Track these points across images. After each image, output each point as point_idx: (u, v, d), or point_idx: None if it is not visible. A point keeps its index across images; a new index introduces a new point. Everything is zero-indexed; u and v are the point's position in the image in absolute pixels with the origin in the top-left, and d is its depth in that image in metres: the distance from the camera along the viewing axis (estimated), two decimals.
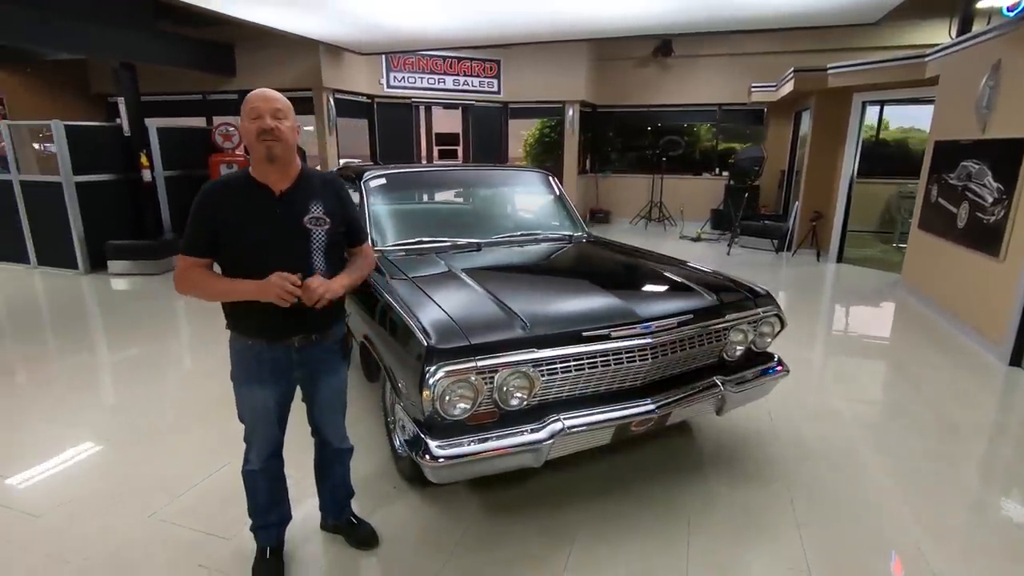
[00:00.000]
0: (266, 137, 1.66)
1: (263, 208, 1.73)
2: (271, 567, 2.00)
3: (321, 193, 1.81)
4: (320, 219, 1.77)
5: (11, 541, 2.20)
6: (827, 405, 3.39)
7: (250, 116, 1.67)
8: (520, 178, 3.87)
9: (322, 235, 1.78)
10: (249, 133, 1.68)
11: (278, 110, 1.68)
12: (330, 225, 1.79)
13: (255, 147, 1.69)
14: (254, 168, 1.76)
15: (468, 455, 1.94)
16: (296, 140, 1.76)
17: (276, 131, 1.66)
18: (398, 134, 9.37)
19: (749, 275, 6.73)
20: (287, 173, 1.76)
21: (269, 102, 1.68)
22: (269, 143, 1.66)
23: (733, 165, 9.08)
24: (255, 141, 1.67)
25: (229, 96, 8.30)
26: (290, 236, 1.74)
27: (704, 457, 2.84)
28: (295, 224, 1.74)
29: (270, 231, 1.72)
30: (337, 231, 1.83)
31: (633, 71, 10.39)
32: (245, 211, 1.72)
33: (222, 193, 1.75)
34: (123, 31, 6.44)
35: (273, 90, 1.71)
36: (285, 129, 1.69)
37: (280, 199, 1.74)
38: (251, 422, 1.88)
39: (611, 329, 2.14)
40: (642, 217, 10.69)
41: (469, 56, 9.33)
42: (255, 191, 1.74)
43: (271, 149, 1.67)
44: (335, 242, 1.83)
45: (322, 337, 1.86)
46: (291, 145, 1.72)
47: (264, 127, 1.65)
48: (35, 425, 3.14)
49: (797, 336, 4.71)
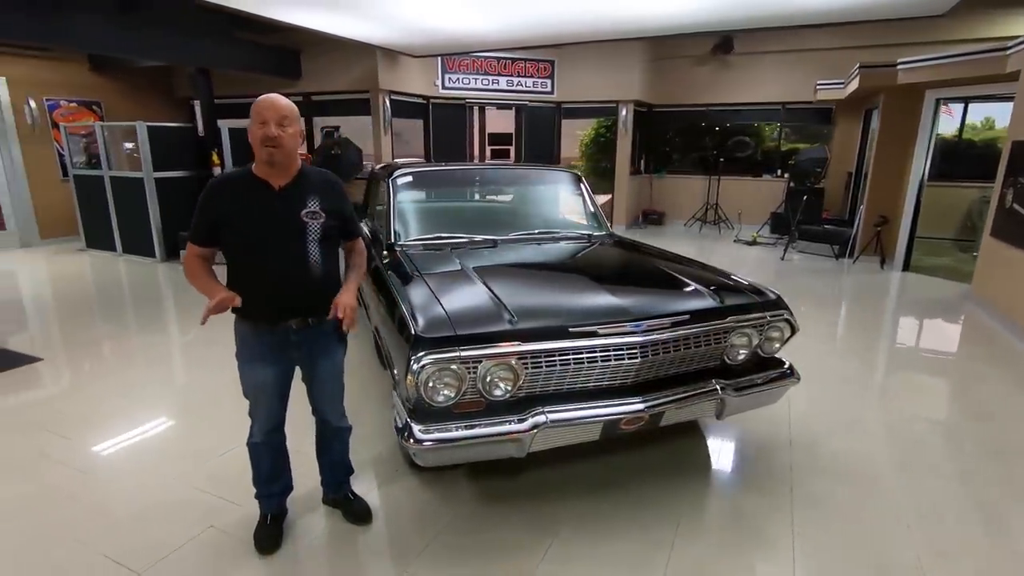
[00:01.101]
0: (269, 144, 1.80)
1: (262, 202, 1.87)
2: (270, 532, 2.17)
3: (318, 189, 1.95)
4: (316, 213, 1.92)
5: (61, 491, 2.50)
6: (857, 419, 3.23)
7: (257, 121, 1.80)
8: (545, 177, 3.92)
9: (317, 228, 1.92)
10: (255, 137, 1.82)
11: (284, 117, 1.81)
12: (325, 219, 1.94)
13: (259, 150, 1.83)
14: (256, 166, 1.91)
15: (449, 440, 2.02)
16: (298, 145, 1.89)
17: (279, 139, 1.80)
18: (452, 134, 9.59)
19: (801, 282, 6.49)
20: (287, 172, 1.91)
21: (276, 110, 1.80)
22: (271, 149, 1.81)
23: (793, 166, 8.67)
24: (259, 145, 1.82)
25: (295, 98, 8.78)
26: (288, 228, 1.89)
27: (709, 461, 2.79)
28: (292, 217, 1.89)
29: (269, 224, 1.87)
30: (332, 225, 1.97)
31: (691, 70, 10.12)
32: (245, 205, 1.87)
33: (225, 188, 1.92)
34: (201, 40, 6.99)
35: (282, 97, 1.84)
36: (288, 137, 1.83)
37: (279, 194, 1.89)
38: (254, 398, 2.05)
39: (599, 326, 2.16)
40: (697, 219, 10.41)
41: (523, 57, 9.41)
42: (255, 187, 1.89)
43: (272, 156, 1.82)
44: (330, 235, 1.98)
45: (318, 321, 2.00)
46: (291, 150, 1.86)
47: (268, 134, 1.79)
48: (108, 395, 3.51)
49: (844, 347, 4.50)
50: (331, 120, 8.83)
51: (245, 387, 2.05)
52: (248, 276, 1.91)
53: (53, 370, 3.85)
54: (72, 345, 4.40)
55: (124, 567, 2.05)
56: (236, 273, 1.95)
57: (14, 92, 7.71)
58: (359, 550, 2.17)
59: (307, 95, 8.69)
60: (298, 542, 2.19)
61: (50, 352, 4.17)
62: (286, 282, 1.92)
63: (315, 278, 1.95)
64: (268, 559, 2.09)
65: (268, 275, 1.90)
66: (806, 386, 3.56)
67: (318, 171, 2.05)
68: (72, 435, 2.99)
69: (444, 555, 2.13)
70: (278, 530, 2.19)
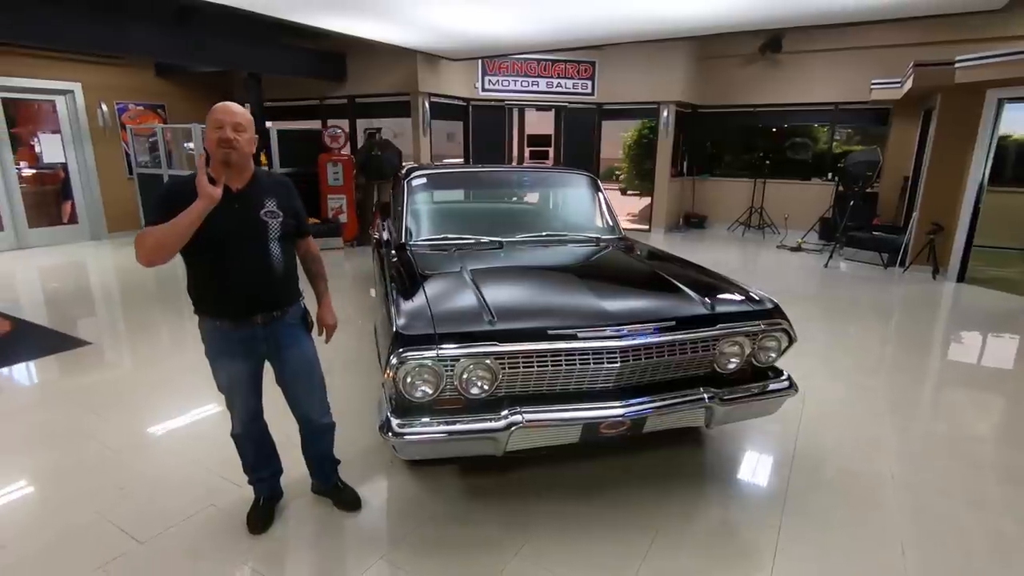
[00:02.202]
0: (225, 146, 1.88)
1: (221, 204, 1.88)
2: (261, 514, 2.30)
3: (272, 190, 2.06)
4: (274, 212, 2.02)
5: (89, 465, 2.74)
6: (876, 437, 3.08)
7: (214, 126, 1.88)
8: (559, 179, 3.93)
9: (277, 227, 2.02)
10: (211, 141, 1.89)
11: (239, 124, 1.90)
12: (283, 218, 2.04)
13: (215, 153, 1.90)
14: (213, 169, 1.94)
15: (425, 435, 2.09)
16: (251, 150, 1.98)
17: (235, 142, 1.89)
18: (491, 136, 9.70)
19: (843, 291, 6.27)
20: (242, 176, 1.99)
21: (231, 116, 1.89)
22: (227, 151, 1.89)
23: (842, 169, 8.28)
24: (215, 148, 1.89)
25: (340, 101, 9.13)
26: (248, 228, 1.98)
27: (703, 469, 2.75)
28: (252, 217, 1.98)
29: (228, 224, 1.93)
30: (289, 223, 2.07)
31: (738, 69, 9.83)
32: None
33: (184, 189, 1.91)
34: (252, 46, 7.38)
35: (237, 105, 1.94)
36: (243, 141, 1.91)
37: (236, 196, 1.96)
38: (228, 392, 2.14)
39: (578, 329, 2.17)
40: (740, 223, 10.10)
41: (563, 58, 9.41)
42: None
43: (228, 156, 1.90)
44: (288, 233, 2.08)
45: (283, 314, 2.10)
46: (246, 154, 1.96)
47: (224, 137, 1.87)
48: (147, 380, 3.79)
49: (881, 359, 4.30)
50: (374, 122, 9.11)
51: (219, 383, 2.13)
52: (210, 276, 1.99)
53: (99, 354, 4.18)
54: (122, 331, 4.76)
55: (130, 536, 2.23)
56: (197, 274, 2.02)
57: (88, 97, 8.36)
58: (341, 534, 2.27)
59: (351, 97, 9.01)
60: (285, 524, 2.32)
61: (101, 337, 4.53)
62: (249, 279, 1.99)
63: (277, 274, 2.04)
64: (256, 538, 2.22)
65: (231, 273, 1.97)
66: (827, 400, 3.47)
67: (271, 174, 2.17)
68: (107, 414, 3.25)
69: (420, 546, 2.20)
70: (269, 512, 2.32)
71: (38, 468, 2.72)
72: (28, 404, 3.43)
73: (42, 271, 6.95)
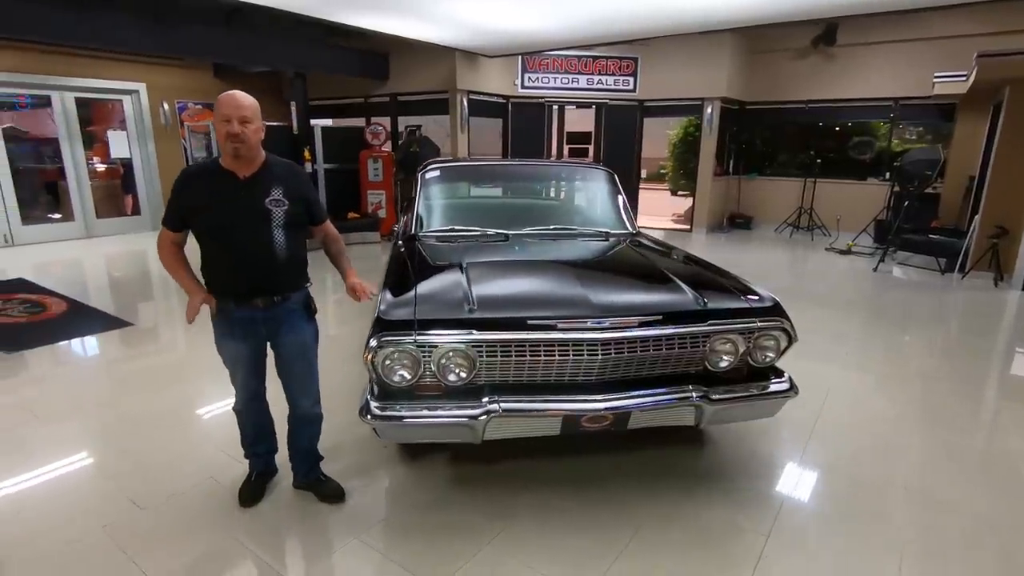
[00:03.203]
0: (233, 141, 1.93)
1: (228, 192, 2.01)
2: (253, 488, 2.40)
3: (282, 178, 2.09)
4: (279, 201, 2.05)
5: (109, 436, 2.93)
6: (898, 447, 2.89)
7: (221, 119, 1.93)
8: (573, 173, 3.88)
9: (281, 215, 2.05)
10: (219, 134, 1.95)
11: (245, 117, 1.94)
12: (288, 206, 2.07)
13: (223, 145, 1.96)
14: (223, 158, 2.04)
15: (401, 418, 2.12)
16: (260, 139, 2.03)
17: (241, 135, 1.93)
18: (530, 133, 9.70)
19: (891, 296, 6.05)
20: (251, 164, 2.05)
21: (238, 109, 1.93)
22: (235, 145, 1.94)
23: (899, 168, 7.79)
24: (223, 141, 1.94)
25: (383, 99, 9.36)
26: (253, 215, 2.02)
27: (699, 470, 2.66)
28: (257, 205, 2.03)
29: (235, 211, 2.01)
30: (295, 212, 2.10)
31: (789, 64, 9.42)
32: (212, 194, 2.02)
33: (195, 178, 2.07)
34: (300, 46, 7.67)
35: (243, 94, 1.96)
36: (250, 132, 1.96)
37: (243, 184, 2.03)
38: (232, 368, 2.23)
39: (558, 320, 2.15)
40: (788, 225, 9.69)
41: (604, 55, 9.30)
42: (222, 177, 2.03)
43: (237, 150, 1.96)
44: (293, 222, 2.10)
45: (284, 299, 2.14)
46: (254, 144, 2.00)
47: (231, 131, 1.92)
48: (177, 360, 4.02)
49: (922, 368, 4.02)
50: (414, 119, 9.28)
51: (224, 359, 2.23)
52: (217, 258, 2.07)
53: (138, 335, 4.46)
54: (165, 315, 5.06)
55: (135, 504, 2.37)
56: (207, 254, 2.11)
57: (152, 97, 8.93)
58: (322, 514, 2.33)
59: (393, 95, 9.21)
60: (273, 500, 2.40)
61: (144, 319, 4.82)
62: (252, 264, 2.05)
63: (280, 260, 2.08)
64: (244, 511, 2.32)
65: (235, 258, 2.04)
66: (854, 408, 3.30)
67: (282, 162, 2.16)
68: (133, 389, 3.47)
69: (397, 529, 2.24)
70: (260, 487, 2.41)
71: (62, 434, 2.93)
72: (64, 376, 3.70)
73: (105, 258, 7.48)
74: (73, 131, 8.35)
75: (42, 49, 7.61)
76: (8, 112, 8.30)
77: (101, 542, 2.14)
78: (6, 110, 8.32)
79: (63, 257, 7.32)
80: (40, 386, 3.54)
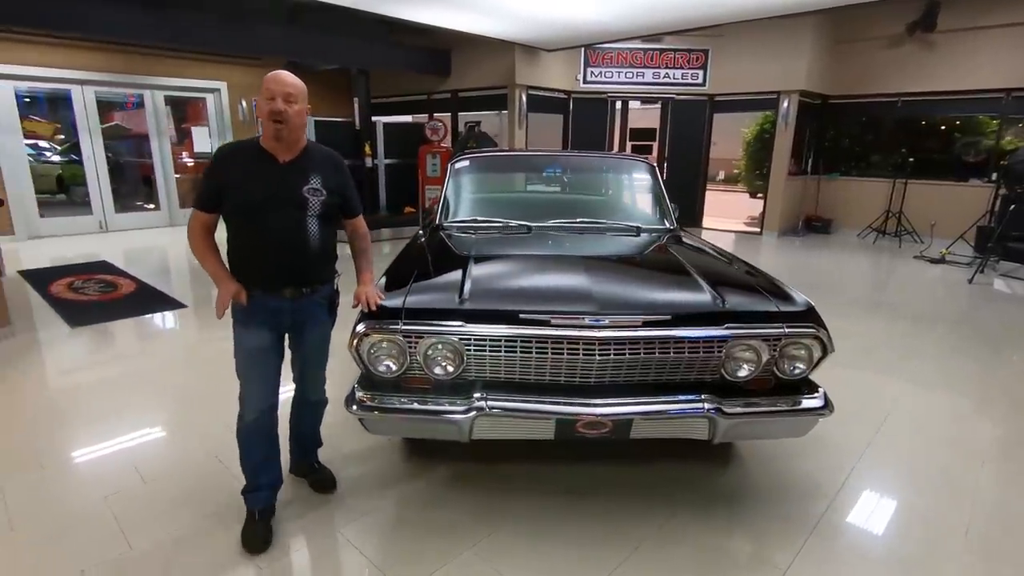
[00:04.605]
0: (276, 118, 1.84)
1: (266, 174, 1.92)
2: (260, 530, 2.05)
3: (321, 167, 2.00)
4: (317, 190, 1.96)
5: (130, 405, 3.07)
6: (961, 485, 2.49)
7: (265, 96, 1.85)
8: (611, 166, 3.67)
9: (317, 205, 1.97)
10: (262, 111, 1.86)
11: (289, 94, 1.85)
12: (326, 196, 1.98)
13: (267, 125, 1.88)
14: (263, 139, 1.96)
15: (384, 410, 2.04)
16: (304, 122, 1.94)
17: (284, 114, 1.84)
18: (591, 129, 9.44)
19: (986, 311, 5.52)
20: (293, 148, 1.96)
21: (282, 86, 1.84)
22: (278, 125, 1.85)
23: (1006, 168, 6.89)
24: (267, 120, 1.86)
25: (444, 95, 9.44)
26: (289, 202, 1.93)
27: (718, 490, 2.40)
28: (294, 192, 1.94)
29: (270, 195, 1.91)
30: (332, 203, 2.01)
31: (879, 53, 8.58)
32: (250, 174, 1.92)
33: (232, 156, 1.99)
34: (364, 44, 7.87)
35: (289, 74, 1.88)
36: (293, 113, 1.86)
37: (283, 168, 1.94)
38: (245, 370, 2.03)
39: (552, 316, 1.99)
40: (873, 229, 8.85)
41: (672, 47, 8.88)
42: (261, 158, 1.94)
43: (279, 131, 1.87)
44: (329, 213, 2.02)
45: (312, 292, 2.05)
46: (297, 126, 1.90)
47: (275, 109, 1.83)
48: (216, 344, 4.20)
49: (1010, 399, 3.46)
50: (474, 115, 9.28)
51: (238, 360, 2.05)
52: (247, 243, 1.97)
53: (187, 316, 4.69)
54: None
55: (139, 475, 2.44)
56: (236, 239, 2.01)
57: (232, 95, 9.48)
58: (310, 502, 2.29)
59: (454, 92, 9.26)
60: None
61: (195, 302, 5.07)
62: (283, 252, 1.96)
63: (312, 251, 1.99)
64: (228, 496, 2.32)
65: (266, 244, 1.94)
66: (916, 432, 2.91)
67: (323, 149, 2.08)
68: (172, 365, 3.63)
69: (383, 523, 2.17)
70: (268, 528, 2.09)
71: (93, 405, 3.10)
72: (115, 351, 3.94)
73: (183, 244, 8.00)
74: (161, 127, 9.02)
75: (136, 51, 8.26)
76: (118, 112, 9.18)
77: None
78: (117, 109, 9.20)
79: (146, 243, 7.91)
80: (91, 359, 3.79)
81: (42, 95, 8.35)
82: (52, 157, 9.45)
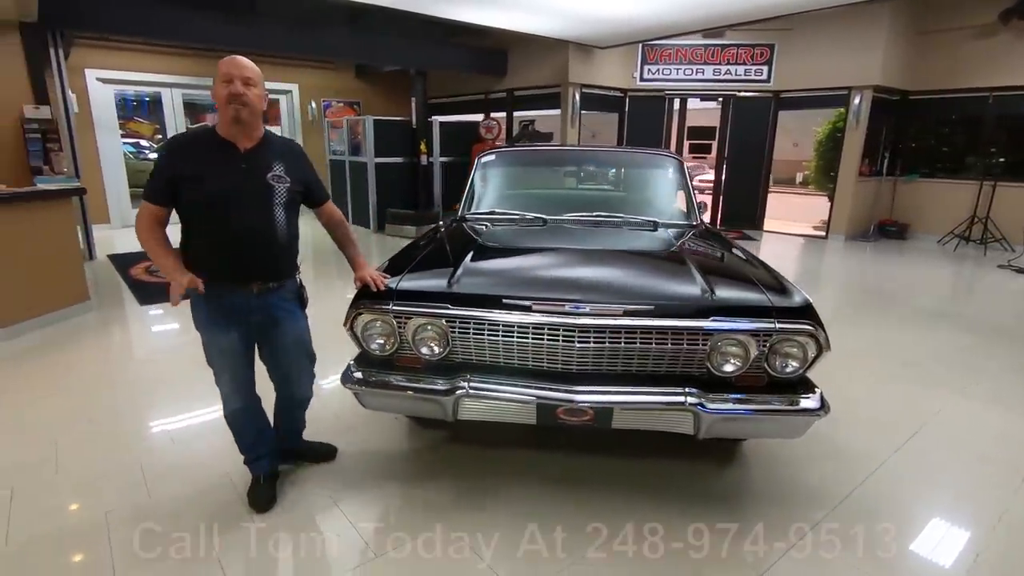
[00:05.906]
0: (234, 101, 1.81)
1: (227, 163, 1.87)
2: (265, 491, 2.19)
3: (282, 155, 2.00)
4: (281, 177, 1.95)
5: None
6: (989, 504, 2.30)
7: (222, 80, 1.82)
8: (636, 161, 3.62)
9: (283, 192, 1.95)
10: (220, 96, 1.82)
11: (248, 78, 1.84)
12: (290, 184, 1.97)
13: (224, 109, 1.83)
14: (220, 127, 1.90)
15: (375, 385, 2.15)
16: (263, 107, 1.91)
17: (244, 96, 1.81)
18: (648, 128, 9.27)
19: None
20: (252, 135, 1.92)
21: (240, 69, 1.83)
22: (237, 107, 1.82)
23: None
24: (224, 104, 1.82)
25: (500, 95, 9.57)
26: (254, 190, 1.90)
27: (711, 490, 2.34)
28: (258, 180, 1.91)
29: (234, 184, 1.86)
30: (296, 190, 2.02)
31: (968, 44, 7.88)
32: (208, 164, 1.86)
33: (189, 146, 1.92)
34: (422, 45, 8.14)
35: (245, 58, 1.87)
36: (253, 96, 1.84)
37: (244, 156, 1.90)
38: (220, 365, 2.03)
39: (534, 302, 2.03)
40: (956, 236, 8.15)
41: (735, 42, 8.57)
42: (220, 147, 1.89)
43: (238, 112, 1.83)
44: (294, 201, 2.03)
45: (278, 287, 2.04)
46: (257, 111, 1.88)
47: (234, 92, 1.81)
48: None
49: None
50: (530, 114, 9.36)
51: (209, 356, 2.04)
52: (208, 237, 1.90)
53: None
54: None
55: (170, 438, 2.69)
56: (194, 234, 1.93)
57: (302, 96, 10.06)
58: (304, 471, 2.42)
59: (510, 91, 9.38)
60: None
61: None
62: (249, 244, 1.91)
63: (279, 241, 1.98)
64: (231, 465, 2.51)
65: (231, 236, 1.88)
66: (949, 444, 2.73)
67: (280, 138, 2.09)
68: None
69: (370, 494, 2.29)
70: (272, 489, 2.21)
71: (142, 374, 3.42)
72: (171, 327, 4.32)
73: None
74: None
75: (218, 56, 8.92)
76: (209, 114, 10.05)
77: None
78: (209, 111, 10.06)
79: None
80: (151, 334, 4.18)
81: (146, 98, 9.25)
82: (150, 155, 10.47)
